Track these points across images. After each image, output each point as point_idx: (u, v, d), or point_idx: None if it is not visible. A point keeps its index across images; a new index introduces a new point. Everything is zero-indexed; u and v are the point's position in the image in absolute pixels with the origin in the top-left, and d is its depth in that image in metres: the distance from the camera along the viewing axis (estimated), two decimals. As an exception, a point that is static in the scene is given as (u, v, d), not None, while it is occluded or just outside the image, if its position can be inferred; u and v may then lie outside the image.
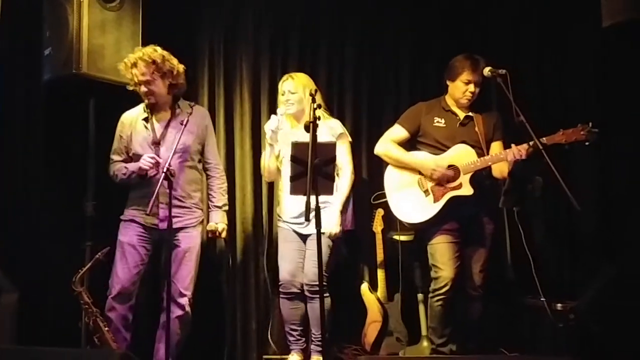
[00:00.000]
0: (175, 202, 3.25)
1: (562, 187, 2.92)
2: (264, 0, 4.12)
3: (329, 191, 2.93)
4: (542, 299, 3.24)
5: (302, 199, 2.71)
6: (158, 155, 3.25)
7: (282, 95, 3.63)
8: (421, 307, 3.92)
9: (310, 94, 2.85)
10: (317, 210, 2.72)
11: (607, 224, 3.75)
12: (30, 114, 3.68)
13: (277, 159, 3.66)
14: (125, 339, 3.20)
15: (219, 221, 3.46)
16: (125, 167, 3.31)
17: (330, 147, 2.90)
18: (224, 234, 3.53)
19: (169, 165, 2.96)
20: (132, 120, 3.37)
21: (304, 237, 3.59)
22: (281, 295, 3.65)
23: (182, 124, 3.07)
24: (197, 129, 3.40)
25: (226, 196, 3.56)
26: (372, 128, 4.07)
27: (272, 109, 4.01)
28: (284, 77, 3.67)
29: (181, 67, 3.35)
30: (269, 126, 3.60)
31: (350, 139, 3.70)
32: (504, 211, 3.63)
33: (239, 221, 3.98)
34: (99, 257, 3.11)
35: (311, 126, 2.73)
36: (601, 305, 3.31)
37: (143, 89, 3.26)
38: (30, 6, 3.63)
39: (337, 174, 3.63)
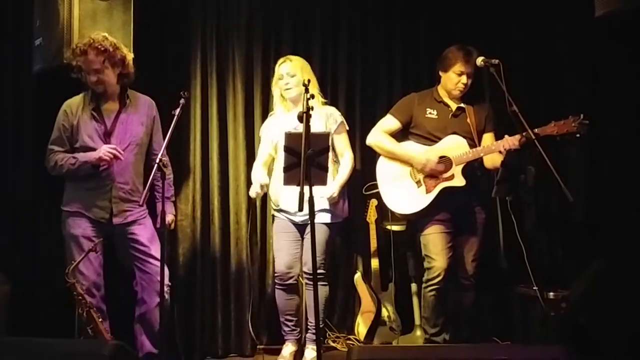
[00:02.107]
0: (124, 195, 3.24)
1: (555, 178, 2.93)
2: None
3: (323, 182, 2.93)
4: (534, 288, 3.26)
5: (297, 189, 2.71)
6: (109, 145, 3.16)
7: (280, 79, 3.59)
8: (414, 297, 3.95)
9: (303, 84, 2.84)
10: (311, 200, 2.72)
11: (597, 214, 3.77)
12: (19, 105, 3.65)
13: (272, 148, 3.64)
14: (107, 330, 3.16)
15: (168, 212, 3.41)
16: (74, 158, 3.17)
17: (324, 137, 2.90)
18: (172, 225, 3.52)
19: (162, 156, 2.93)
20: (77, 110, 3.23)
21: (300, 227, 3.59)
22: (277, 286, 3.66)
23: (173, 117, 3.01)
24: (147, 120, 3.35)
25: (173, 187, 3.53)
26: (365, 118, 4.07)
27: (265, 99, 4.02)
28: (281, 60, 3.64)
29: (131, 56, 3.26)
30: (255, 190, 3.57)
31: (347, 128, 3.70)
32: (496, 201, 3.65)
33: (233, 212, 3.98)
34: (91, 249, 3.10)
35: (304, 116, 2.73)
36: (592, 296, 3.34)
37: (92, 77, 3.15)
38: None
39: (337, 161, 3.63)
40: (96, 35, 3.17)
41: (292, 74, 3.55)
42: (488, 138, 3.52)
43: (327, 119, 3.58)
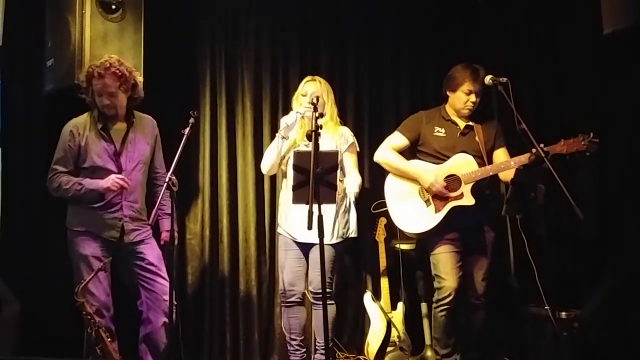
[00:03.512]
0: (134, 214, 3.24)
1: (565, 196, 2.91)
2: (263, 8, 4.13)
3: (331, 200, 2.93)
4: (545, 307, 3.22)
5: (304, 208, 2.70)
6: (120, 167, 3.19)
7: (304, 96, 3.56)
8: (425, 318, 3.91)
9: (312, 103, 2.84)
10: (320, 218, 2.72)
11: (606, 232, 3.74)
12: (31, 126, 3.68)
13: (282, 160, 3.61)
14: (115, 351, 3.13)
15: (169, 228, 3.35)
16: (80, 184, 3.15)
17: (332, 155, 2.90)
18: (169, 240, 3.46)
19: (171, 175, 2.94)
20: (83, 130, 3.21)
21: (302, 246, 3.57)
22: (282, 304, 3.64)
23: (183, 136, 3.03)
24: (151, 140, 3.36)
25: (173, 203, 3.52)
26: (374, 137, 4.07)
27: (274, 118, 4.04)
28: (308, 78, 3.62)
29: (141, 80, 3.28)
30: (285, 120, 3.50)
31: (358, 149, 3.67)
32: (506, 219, 3.63)
33: (242, 230, 3.98)
34: (101, 268, 3.10)
35: (313, 135, 2.74)
36: (603, 315, 3.30)
37: (105, 101, 3.16)
38: (31, 17, 3.64)
39: (341, 180, 3.61)
40: (112, 59, 3.19)
41: (317, 94, 3.47)
42: (501, 154, 3.50)
43: (338, 138, 3.57)
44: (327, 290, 3.43)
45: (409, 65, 4.24)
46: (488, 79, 3.31)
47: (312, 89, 3.54)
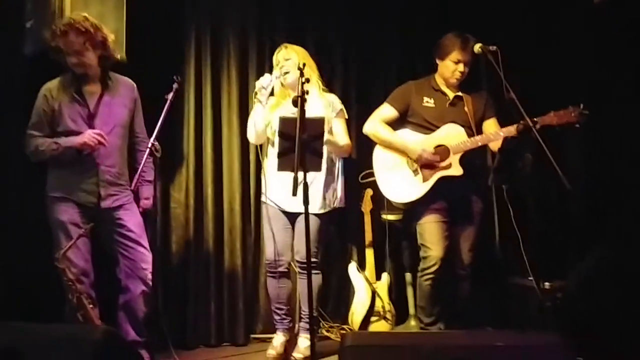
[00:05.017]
0: (111, 178, 3.18)
1: (552, 166, 2.90)
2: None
3: (317, 167, 2.90)
4: (530, 278, 3.24)
5: (289, 176, 2.66)
6: (95, 130, 3.10)
7: (277, 65, 3.52)
8: (409, 287, 3.92)
9: (299, 68, 2.79)
10: (305, 186, 2.68)
11: (596, 204, 3.74)
12: (10, 87, 3.59)
13: (270, 133, 3.56)
14: (97, 317, 3.10)
15: (150, 195, 3.33)
16: (56, 143, 3.09)
17: (319, 122, 2.86)
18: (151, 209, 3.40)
19: (154, 140, 2.89)
20: (56, 93, 3.14)
21: (289, 215, 3.54)
22: (268, 274, 3.62)
23: (166, 102, 2.97)
24: (129, 102, 3.28)
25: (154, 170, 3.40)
26: (362, 107, 4.03)
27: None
28: (278, 49, 3.57)
29: (112, 38, 3.17)
30: (260, 82, 3.44)
31: (346, 117, 3.65)
32: (492, 189, 3.62)
33: (227, 200, 3.94)
34: (82, 234, 3.06)
35: (299, 100, 2.69)
36: (589, 285, 3.31)
37: (73, 59, 3.07)
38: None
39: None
40: (76, 15, 3.08)
41: (287, 57, 3.48)
42: (491, 124, 3.48)
43: (326, 107, 3.52)
44: (313, 260, 3.44)
45: (397, 31, 4.18)
46: (477, 47, 3.28)
47: (282, 56, 3.49)
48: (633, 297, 3.07)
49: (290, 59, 3.47)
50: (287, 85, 3.53)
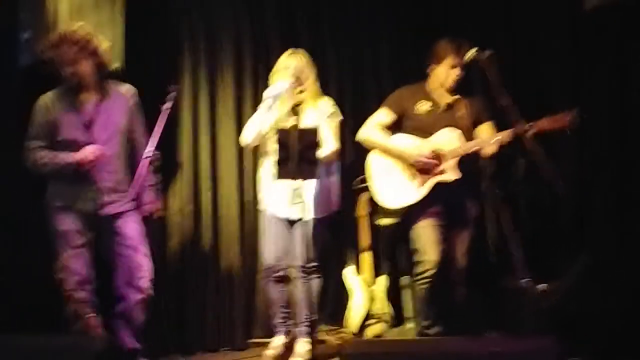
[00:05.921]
0: (111, 185, 3.19)
1: (546, 170, 2.93)
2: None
3: (312, 175, 2.94)
4: (524, 281, 3.26)
5: (286, 184, 2.70)
6: (93, 137, 3.13)
7: (286, 69, 3.47)
8: (405, 290, 3.94)
9: (296, 77, 2.82)
10: (302, 194, 2.72)
11: (586, 206, 3.78)
12: (5, 99, 3.60)
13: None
14: (98, 325, 3.13)
15: (152, 200, 3.36)
16: (54, 158, 3.12)
17: (312, 132, 2.91)
18: (154, 215, 3.45)
19: (154, 149, 2.91)
20: (54, 104, 3.16)
21: (288, 222, 3.56)
22: (267, 279, 3.65)
23: (163, 111, 2.99)
24: (128, 110, 3.29)
25: (157, 174, 3.45)
26: (356, 112, 4.05)
27: (256, 93, 3.99)
28: (289, 51, 3.55)
29: (106, 45, 3.19)
30: (271, 92, 3.42)
31: (341, 117, 3.64)
32: (487, 194, 3.64)
33: (223, 206, 3.97)
34: (82, 244, 3.08)
35: (296, 110, 2.73)
36: (580, 287, 3.36)
37: (67, 70, 3.09)
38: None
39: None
40: (68, 26, 3.11)
41: (299, 69, 3.44)
42: (487, 129, 3.49)
43: (319, 113, 3.53)
44: (314, 264, 3.47)
45: (389, 34, 4.22)
46: (469, 55, 3.30)
47: (294, 63, 3.48)
48: (621, 298, 3.12)
49: (289, 67, 3.47)
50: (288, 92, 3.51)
